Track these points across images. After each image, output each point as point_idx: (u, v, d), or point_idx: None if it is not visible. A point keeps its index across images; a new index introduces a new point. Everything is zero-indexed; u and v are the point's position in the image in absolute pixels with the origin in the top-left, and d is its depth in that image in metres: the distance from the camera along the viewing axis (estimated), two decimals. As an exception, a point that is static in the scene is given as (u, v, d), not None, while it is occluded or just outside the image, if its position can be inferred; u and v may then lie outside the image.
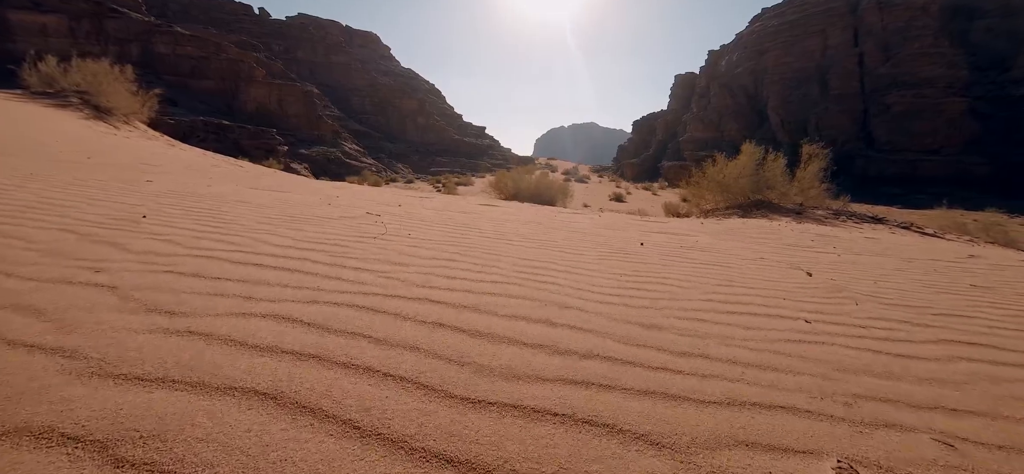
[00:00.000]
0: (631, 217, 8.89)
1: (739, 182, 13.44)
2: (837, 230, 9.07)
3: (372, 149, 50.54)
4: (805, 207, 13.36)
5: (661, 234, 5.04)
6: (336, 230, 3.40)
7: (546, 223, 5.37)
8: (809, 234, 7.23)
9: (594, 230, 5.19)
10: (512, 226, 4.81)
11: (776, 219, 11.60)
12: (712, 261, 3.76)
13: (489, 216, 5.52)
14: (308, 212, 4.19)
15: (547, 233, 4.30)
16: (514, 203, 10.98)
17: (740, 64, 53.87)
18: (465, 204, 7.28)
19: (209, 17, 54.50)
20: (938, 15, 50.78)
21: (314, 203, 4.77)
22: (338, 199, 5.57)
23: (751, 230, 7.46)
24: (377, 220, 3.44)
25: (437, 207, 6.11)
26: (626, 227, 5.76)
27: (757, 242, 5.10)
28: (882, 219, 11.88)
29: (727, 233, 5.80)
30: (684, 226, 6.97)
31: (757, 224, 8.86)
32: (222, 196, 4.74)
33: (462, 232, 4.24)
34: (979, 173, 44.36)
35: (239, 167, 16.41)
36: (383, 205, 5.87)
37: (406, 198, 8.02)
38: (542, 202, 19.02)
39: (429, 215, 5.09)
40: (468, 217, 5.20)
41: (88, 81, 21.20)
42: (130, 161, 8.28)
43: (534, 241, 4.07)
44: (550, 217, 6.37)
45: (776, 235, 6.49)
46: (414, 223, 4.40)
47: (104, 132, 17.22)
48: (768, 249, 4.36)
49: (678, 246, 4.23)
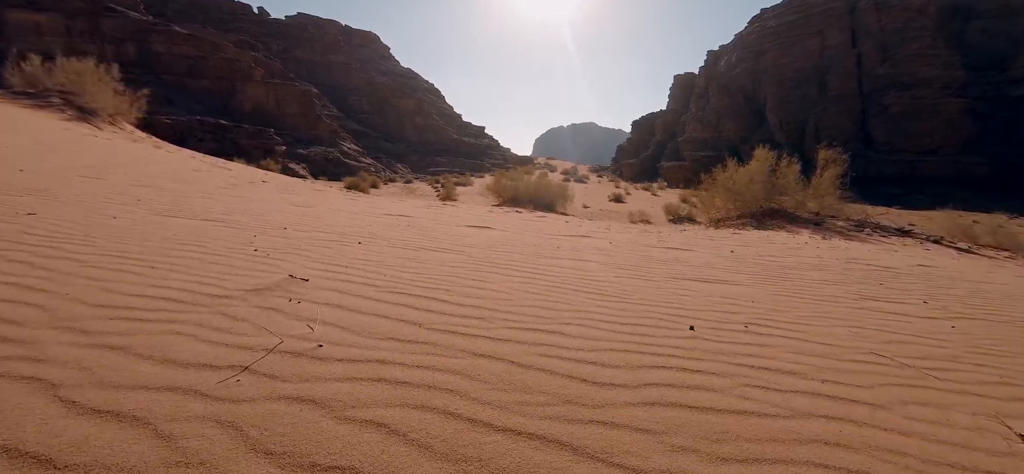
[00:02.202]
0: (643, 232, 7.81)
1: (752, 189, 12.35)
2: (870, 248, 8.00)
3: (371, 149, 49.33)
4: (823, 216, 12.29)
5: (697, 282, 3.94)
6: (180, 348, 2.25)
7: (547, 265, 4.29)
8: (852, 261, 6.15)
9: (607, 273, 4.10)
10: (502, 285, 3.71)
11: (796, 232, 10.53)
12: (815, 375, 2.66)
13: (475, 254, 4.42)
14: (197, 278, 3.07)
15: (551, 295, 3.19)
16: (512, 214, 9.89)
17: (739, 64, 52.66)
18: (450, 231, 6.18)
19: (207, 16, 53.10)
20: (936, 16, 49.70)
21: (238, 245, 3.66)
22: (285, 231, 4.46)
23: (780, 252, 6.39)
24: (299, 298, 2.29)
25: (416, 242, 5.01)
26: (647, 265, 4.68)
27: (811, 289, 4.02)
28: (908, 231, 10.83)
29: (765, 274, 4.72)
30: (709, 255, 5.88)
31: (783, 242, 7.79)
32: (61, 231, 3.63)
33: (430, 300, 3.14)
34: (978, 173, 43.41)
35: (226, 170, 15.27)
36: (345, 235, 4.76)
37: (385, 215, 6.93)
38: (542, 205, 17.99)
39: (384, 276, 3.98)
40: (447, 264, 4.10)
41: (72, 80, 20.04)
42: (69, 166, 7.16)
43: (533, 316, 2.97)
44: (552, 250, 5.27)
45: (820, 267, 5.41)
46: (358, 295, 3.29)
47: (84, 134, 16.08)
48: (844, 312, 3.26)
49: (730, 313, 3.14)
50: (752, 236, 8.97)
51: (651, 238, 7.00)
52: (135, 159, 12.13)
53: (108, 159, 10.55)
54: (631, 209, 25.47)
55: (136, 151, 14.57)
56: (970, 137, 43.84)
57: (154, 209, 4.77)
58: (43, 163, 7.60)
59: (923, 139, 44.47)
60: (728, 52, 56.58)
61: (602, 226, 8.80)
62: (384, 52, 75.26)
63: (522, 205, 17.58)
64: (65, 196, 4.88)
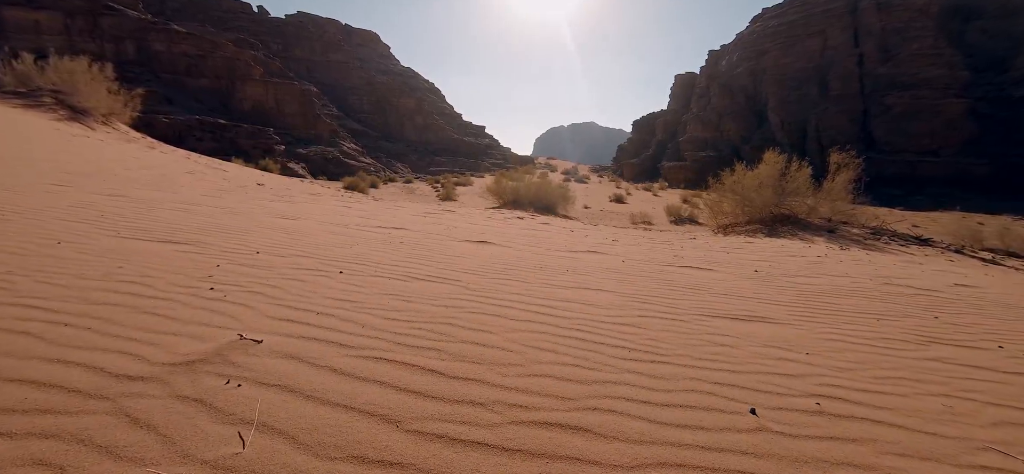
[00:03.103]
0: (654, 245, 7.23)
1: (762, 194, 11.77)
2: (894, 262, 7.43)
3: (371, 148, 48.69)
4: (835, 223, 11.72)
5: (730, 319, 3.39)
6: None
7: (556, 299, 3.73)
8: (886, 282, 5.58)
9: (628, 310, 3.54)
10: (506, 336, 3.13)
11: (810, 240, 9.96)
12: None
13: (474, 285, 3.86)
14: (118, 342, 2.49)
15: (568, 352, 2.61)
16: (513, 221, 9.30)
17: (740, 64, 51.96)
18: (446, 250, 5.61)
19: (207, 14, 52.35)
20: (937, 16, 49.04)
21: (193, 281, 3.10)
22: (258, 256, 3.90)
23: (806, 270, 5.82)
24: (240, 378, 1.64)
25: (407, 267, 4.46)
26: (668, 294, 4.12)
27: (863, 330, 3.45)
28: (928, 240, 10.24)
29: (803, 305, 4.15)
30: (733, 276, 5.32)
31: (801, 255, 7.21)
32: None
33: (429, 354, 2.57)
34: (978, 174, 42.84)
35: (221, 171, 14.68)
36: (326, 261, 4.20)
37: (378, 228, 6.35)
38: (543, 208, 17.44)
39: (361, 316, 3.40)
40: (442, 302, 3.53)
41: (64, 80, 19.44)
42: (44, 172, 6.56)
43: (549, 396, 2.40)
44: (560, 273, 4.71)
45: (857, 292, 4.85)
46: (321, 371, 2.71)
47: (74, 135, 15.52)
48: (915, 364, 2.69)
49: (788, 376, 2.58)
50: (767, 246, 8.40)
51: (664, 252, 6.43)
52: (121, 162, 11.54)
53: (90, 163, 9.96)
54: (632, 210, 24.90)
55: (126, 153, 13.97)
56: (971, 137, 43.28)
57: (114, 228, 4.19)
58: (16, 168, 7.02)
59: (924, 139, 43.90)
60: (729, 52, 55.87)
61: (609, 236, 8.23)
62: (384, 51, 74.48)
63: (523, 207, 17.02)
64: (18, 211, 4.31)
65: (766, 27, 52.21)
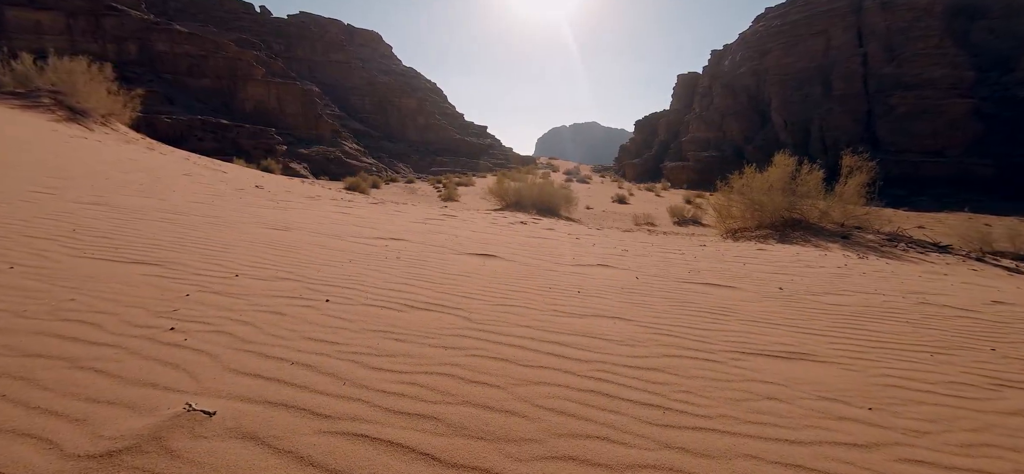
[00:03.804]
0: (665, 257, 6.80)
1: (773, 198, 11.32)
2: (919, 273, 6.99)
3: (372, 149, 48.30)
4: (849, 228, 11.27)
5: (769, 357, 2.98)
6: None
7: (570, 332, 3.34)
8: (921, 300, 5.16)
9: (652, 346, 3.15)
10: (515, 400, 2.70)
11: (824, 247, 9.52)
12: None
13: (477, 315, 3.47)
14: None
15: (590, 421, 2.19)
16: (516, 226, 8.87)
17: (743, 64, 51.36)
18: (446, 267, 5.22)
19: (209, 15, 51.99)
20: (942, 15, 48.39)
21: (152, 317, 2.70)
22: (237, 279, 3.50)
23: (831, 286, 5.40)
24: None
25: (402, 292, 4.07)
26: (692, 323, 3.72)
27: (920, 370, 3.05)
28: (947, 247, 9.78)
29: (842, 333, 3.74)
30: (758, 297, 4.91)
31: (820, 265, 6.77)
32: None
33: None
34: (983, 174, 42.26)
35: (220, 173, 14.29)
36: (313, 284, 3.80)
37: (376, 240, 5.94)
38: (545, 210, 17.03)
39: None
40: (439, 339, 3.13)
41: (63, 80, 19.11)
42: (30, 176, 6.15)
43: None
44: (570, 295, 4.32)
45: (894, 313, 4.44)
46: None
47: (71, 136, 15.17)
48: (992, 423, 2.28)
49: (854, 446, 2.16)
50: (781, 255, 7.97)
51: (678, 265, 6.00)
52: (116, 164, 11.15)
53: (83, 165, 9.57)
54: (635, 211, 24.47)
55: (123, 154, 13.60)
56: (976, 138, 42.69)
57: (82, 245, 3.79)
58: (3, 171, 6.63)
59: (928, 140, 43.33)
60: (732, 52, 55.25)
61: (617, 244, 7.80)
62: (386, 51, 74.02)
63: (525, 209, 16.62)
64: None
65: (769, 26, 51.59)
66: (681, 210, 22.61)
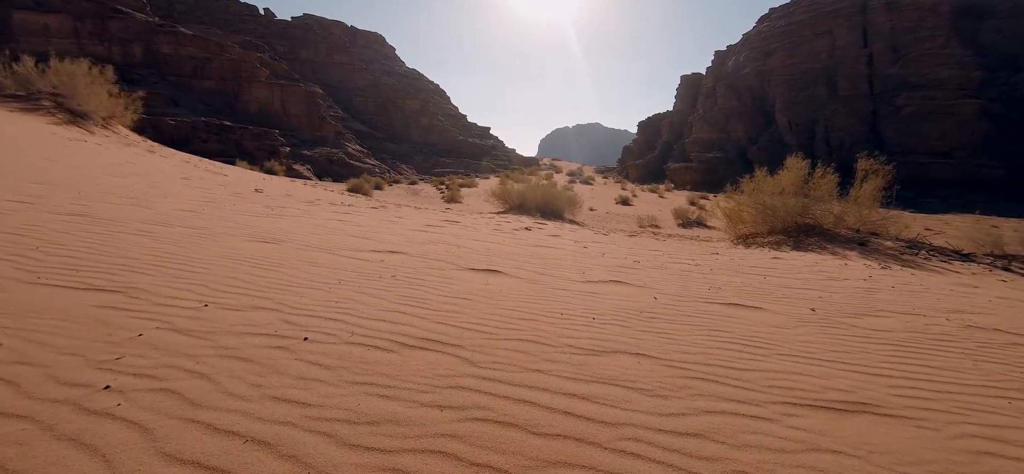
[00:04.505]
0: (682, 271, 6.33)
1: (787, 204, 10.82)
2: (949, 286, 6.47)
3: (375, 150, 47.95)
4: (865, 234, 10.75)
5: (821, 409, 2.56)
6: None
7: (590, 380, 2.89)
8: (969, 324, 4.69)
9: (684, 397, 2.69)
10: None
11: (842, 255, 9.01)
12: None
13: (479, 356, 3.03)
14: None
15: None
16: (521, 232, 8.40)
17: (747, 65, 50.66)
18: (446, 287, 4.79)
19: (214, 17, 51.79)
20: (948, 15, 47.57)
21: (105, 349, 2.26)
22: (205, 310, 3.09)
23: (865, 306, 4.93)
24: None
25: (394, 321, 3.61)
26: (728, 361, 3.27)
27: (1004, 419, 2.59)
28: (970, 255, 9.25)
29: (897, 368, 3.28)
30: (791, 322, 4.45)
31: (842, 277, 6.28)
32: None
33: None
34: (991, 176, 41.47)
35: (220, 176, 13.91)
36: (294, 315, 3.38)
37: (370, 253, 5.50)
38: (549, 213, 16.57)
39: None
40: (435, 393, 2.67)
41: (64, 82, 18.83)
42: (10, 184, 5.75)
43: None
44: (582, 324, 3.88)
45: (946, 342, 3.99)
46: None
47: (70, 139, 14.83)
48: None
49: None
50: (800, 264, 7.48)
51: (697, 281, 5.53)
52: (111, 168, 10.75)
53: (74, 170, 9.17)
54: (639, 213, 23.95)
55: (121, 158, 13.23)
56: (984, 139, 41.89)
57: (41, 268, 3.37)
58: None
59: (935, 141, 42.57)
60: (736, 52, 54.56)
61: (627, 254, 7.33)
62: (389, 53, 73.70)
63: (529, 212, 16.19)
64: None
65: (773, 27, 50.87)
66: (685, 212, 22.12)
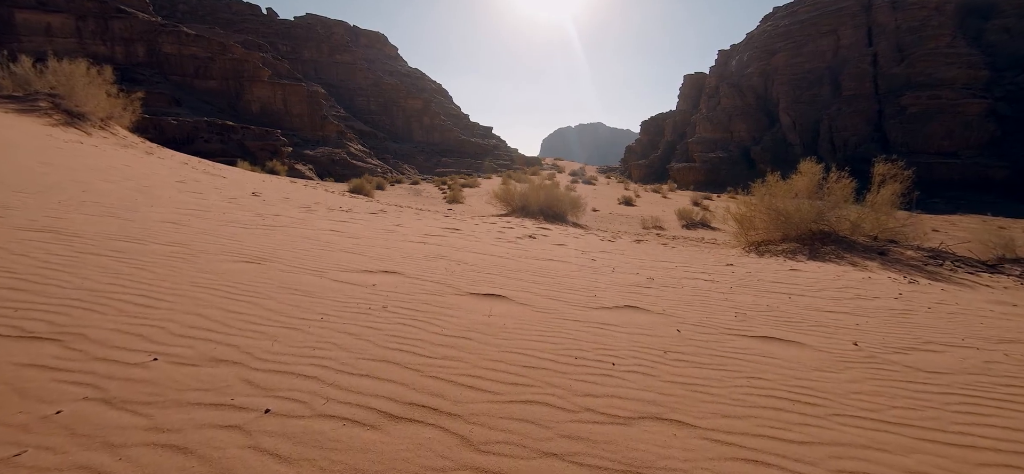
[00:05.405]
0: (701, 292, 5.80)
1: (801, 210, 10.28)
2: (982, 301, 5.92)
3: (378, 149, 47.48)
4: (883, 241, 10.18)
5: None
6: None
7: (612, 443, 2.35)
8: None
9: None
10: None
11: (862, 265, 8.47)
12: None
13: (483, 417, 2.51)
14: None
15: None
16: (525, 240, 7.89)
17: (750, 64, 49.89)
18: (446, 317, 4.27)
19: (216, 17, 51.34)
20: (954, 14, 46.69)
21: (7, 433, 1.73)
22: (156, 364, 2.59)
23: (914, 336, 4.40)
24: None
25: (384, 367, 3.08)
26: (777, 430, 2.77)
27: None
28: (996, 266, 8.68)
29: (955, 411, 2.82)
30: (834, 363, 3.96)
31: (871, 293, 5.74)
32: None
33: None
34: (998, 176, 40.71)
35: (219, 178, 13.44)
36: (264, 362, 2.86)
37: (362, 273, 5.01)
38: (552, 216, 16.08)
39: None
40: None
41: (62, 82, 18.41)
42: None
43: None
44: (602, 372, 3.39)
45: (1004, 380, 3.48)
46: None
47: (66, 141, 14.41)
48: None
49: None
50: (821, 278, 6.95)
51: (722, 306, 5.01)
52: (104, 172, 10.26)
53: (61, 174, 8.68)
54: (643, 214, 23.40)
55: (115, 161, 12.76)
56: (991, 139, 41.12)
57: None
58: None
59: (941, 141, 41.82)
60: (739, 51, 53.79)
61: (640, 271, 6.81)
62: (392, 52, 73.15)
63: (532, 215, 15.75)
64: None
65: (777, 26, 50.08)
66: (689, 213, 21.58)
